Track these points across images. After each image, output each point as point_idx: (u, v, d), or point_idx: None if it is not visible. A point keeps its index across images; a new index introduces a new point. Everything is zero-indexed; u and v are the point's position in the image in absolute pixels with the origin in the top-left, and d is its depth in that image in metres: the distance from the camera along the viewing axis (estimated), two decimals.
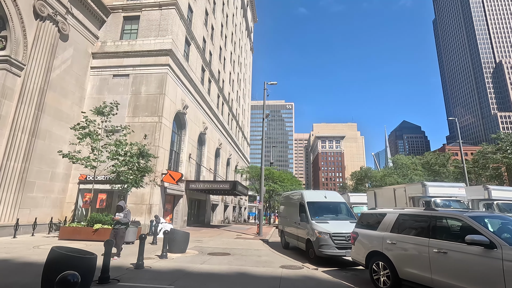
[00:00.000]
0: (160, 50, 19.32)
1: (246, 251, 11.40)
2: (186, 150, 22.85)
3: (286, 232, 13.17)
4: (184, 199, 22.17)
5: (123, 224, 9.26)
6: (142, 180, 14.13)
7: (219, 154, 34.24)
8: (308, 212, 10.56)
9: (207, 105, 28.20)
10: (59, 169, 17.08)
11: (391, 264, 6.39)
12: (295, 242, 11.83)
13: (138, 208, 16.82)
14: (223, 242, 14.34)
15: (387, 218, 7.02)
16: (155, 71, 19.16)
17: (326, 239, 9.25)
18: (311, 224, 10.00)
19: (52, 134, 16.56)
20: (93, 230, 12.69)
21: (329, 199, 11.50)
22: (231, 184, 22.18)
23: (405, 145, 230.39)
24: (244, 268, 8.19)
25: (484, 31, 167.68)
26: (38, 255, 9.02)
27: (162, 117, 18.36)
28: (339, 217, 10.78)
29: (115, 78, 19.53)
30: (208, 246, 12.60)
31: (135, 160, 13.55)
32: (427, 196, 16.00)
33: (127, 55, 19.68)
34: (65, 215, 16.98)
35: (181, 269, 7.82)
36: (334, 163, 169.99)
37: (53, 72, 16.64)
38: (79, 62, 18.86)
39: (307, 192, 11.83)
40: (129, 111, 18.61)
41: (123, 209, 9.45)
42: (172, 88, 19.91)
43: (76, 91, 18.53)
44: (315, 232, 9.57)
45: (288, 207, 13.41)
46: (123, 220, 9.24)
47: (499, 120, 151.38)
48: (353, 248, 7.86)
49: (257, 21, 73.72)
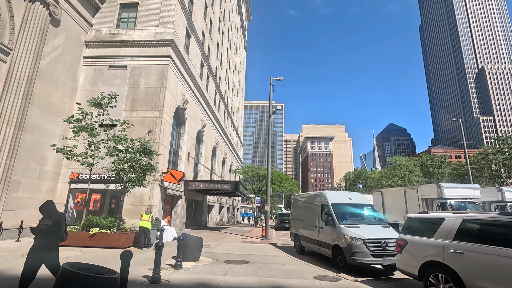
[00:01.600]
0: (161, 40, 18.00)
1: (264, 258, 10.37)
2: (185, 148, 21.56)
3: (301, 236, 12.24)
4: (183, 200, 20.88)
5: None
6: (144, 179, 12.83)
7: (215, 153, 32.99)
8: (334, 216, 9.65)
9: (206, 102, 26.96)
10: (48, 166, 15.50)
11: (457, 277, 5.56)
12: (315, 248, 10.90)
13: (136, 210, 15.45)
14: (232, 247, 13.25)
15: (447, 223, 6.18)
16: (156, 62, 17.82)
17: (360, 245, 8.37)
18: (340, 228, 9.09)
19: (40, 128, 14.97)
20: (90, 235, 11.32)
21: (354, 200, 10.63)
22: (233, 184, 21.05)
23: (392, 147, 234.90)
24: (276, 280, 7.17)
25: (468, 37, 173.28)
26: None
27: (163, 112, 17.06)
28: (368, 221, 9.92)
29: (111, 69, 18.05)
30: (219, 252, 11.49)
31: (137, 156, 12.25)
32: (442, 198, 15.48)
33: (124, 44, 18.24)
34: None
35: (205, 283, 6.72)
36: (323, 164, 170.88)
37: (43, 60, 15.05)
38: (71, 50, 17.29)
39: (330, 193, 10.92)
40: (127, 105, 17.20)
41: (50, 213, 5.49)
42: (173, 81, 18.63)
43: (68, 82, 16.96)
44: (346, 238, 8.68)
45: (304, 209, 12.47)
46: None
47: (481, 124, 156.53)
48: (400, 257, 7.00)
49: (251, 19, 72.77)
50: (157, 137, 16.52)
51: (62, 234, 5.44)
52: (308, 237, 11.49)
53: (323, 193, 11.10)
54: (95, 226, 11.71)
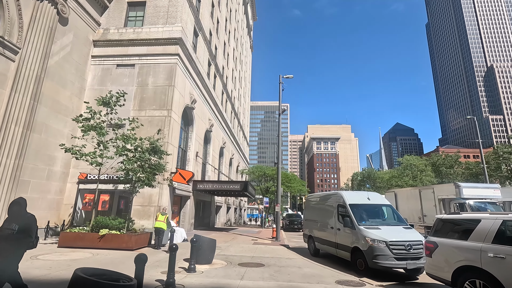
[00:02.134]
0: (169, 38, 17.75)
1: (279, 261, 9.97)
2: (193, 148, 21.28)
3: (316, 238, 11.82)
4: (192, 201, 20.59)
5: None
6: (154, 179, 12.55)
7: (222, 153, 32.69)
8: (353, 217, 9.22)
9: (213, 101, 26.68)
10: (57, 167, 15.33)
11: (498, 284, 5.10)
12: (331, 250, 10.47)
13: (145, 211, 15.19)
14: (243, 248, 12.87)
15: (483, 225, 5.72)
16: (164, 61, 17.58)
17: (382, 248, 7.93)
18: (360, 230, 8.65)
19: (49, 128, 14.81)
20: (99, 236, 11.06)
21: (373, 201, 10.18)
22: (242, 184, 20.67)
23: (398, 147, 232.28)
24: (296, 285, 6.77)
25: (476, 35, 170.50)
26: (38, 269, 7.43)
27: (172, 111, 16.79)
28: (389, 222, 9.46)
29: (119, 68, 17.86)
30: (231, 254, 11.13)
31: (147, 156, 11.97)
32: (461, 198, 14.90)
33: (132, 43, 18.04)
34: (63, 219, 15.23)
35: (222, 287, 6.36)
36: (329, 164, 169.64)
37: (51, 59, 14.90)
38: (80, 49, 17.14)
39: (346, 193, 10.47)
40: (135, 104, 16.98)
41: (20, 214, 4.72)
42: (181, 80, 18.36)
43: (76, 81, 16.81)
44: (367, 240, 8.24)
45: (319, 210, 12.05)
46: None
47: (491, 123, 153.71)
48: (429, 261, 6.55)
49: (257, 19, 72.50)
50: (166, 136, 16.25)
51: (32, 241, 4.58)
52: (324, 238, 11.07)
53: (339, 193, 10.67)
54: (104, 227, 11.45)
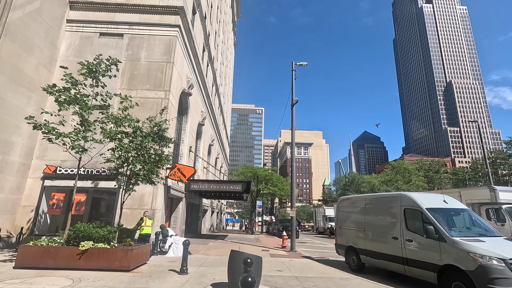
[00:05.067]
0: (167, 6, 14.72)
1: (327, 282, 7.52)
2: (187, 141, 18.16)
3: (362, 250, 9.57)
4: (184, 203, 17.43)
5: None
6: (157, 173, 9.48)
7: (210, 151, 29.61)
8: (439, 225, 7.09)
9: (205, 92, 23.72)
10: (14, 156, 11.52)
11: None
12: (394, 267, 8.20)
13: (134, 215, 11.89)
14: (271, 265, 10.10)
15: None
16: (161, 32, 14.49)
17: (501, 269, 5.84)
18: (456, 243, 6.53)
19: (5, 103, 11.06)
20: (79, 252, 7.77)
21: (451, 204, 8.16)
22: (244, 185, 17.86)
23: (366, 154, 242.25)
24: None
25: (437, 52, 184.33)
26: None
27: (170, 93, 13.72)
28: (482, 232, 7.45)
29: (103, 38, 14.42)
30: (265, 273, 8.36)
31: (150, 142, 8.93)
32: (497, 203, 13.63)
33: (121, 9, 14.71)
34: (20, 226, 11.42)
35: None
36: (302, 169, 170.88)
37: (13, 12, 11.22)
38: (52, 9, 13.47)
39: (417, 195, 8.33)
40: (123, 82, 13.67)
41: None
42: (180, 58, 15.35)
43: (45, 48, 13.09)
44: (474, 257, 6.12)
45: (367, 216, 9.83)
46: None
47: (449, 134, 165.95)
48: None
49: (240, 17, 70.27)
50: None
51: None
52: (378, 252, 8.84)
53: (405, 194, 8.52)
54: (86, 238, 8.16)
